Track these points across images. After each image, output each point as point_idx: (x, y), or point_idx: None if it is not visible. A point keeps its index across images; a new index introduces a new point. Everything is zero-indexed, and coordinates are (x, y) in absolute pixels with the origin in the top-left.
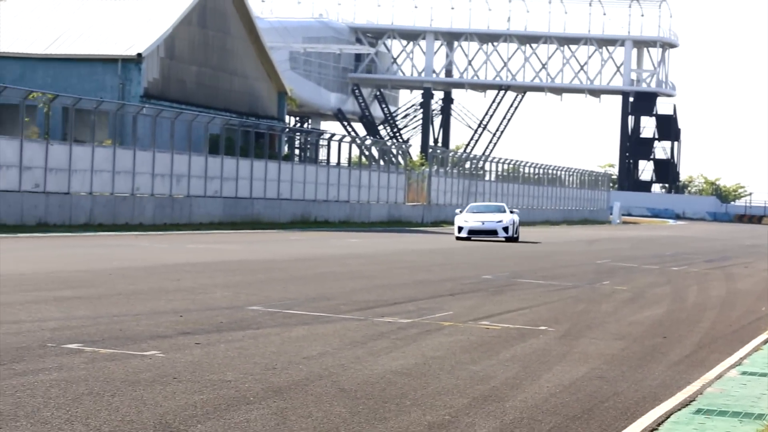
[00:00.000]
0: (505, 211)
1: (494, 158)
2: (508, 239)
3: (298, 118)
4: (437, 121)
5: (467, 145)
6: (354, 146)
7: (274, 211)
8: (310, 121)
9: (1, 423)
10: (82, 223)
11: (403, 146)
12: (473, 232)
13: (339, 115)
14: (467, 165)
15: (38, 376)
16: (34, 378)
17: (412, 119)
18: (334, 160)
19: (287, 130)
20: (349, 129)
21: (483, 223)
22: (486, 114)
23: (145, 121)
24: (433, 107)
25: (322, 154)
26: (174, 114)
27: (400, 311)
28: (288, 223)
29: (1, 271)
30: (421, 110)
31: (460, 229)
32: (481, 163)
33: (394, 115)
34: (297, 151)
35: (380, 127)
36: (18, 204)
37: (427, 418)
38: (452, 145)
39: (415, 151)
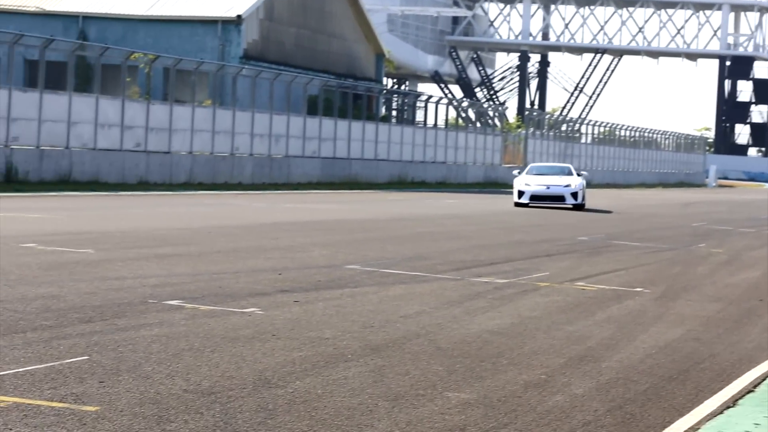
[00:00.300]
0: (572, 174)
1: (590, 121)
2: (576, 207)
3: (395, 80)
4: (534, 83)
5: (563, 107)
6: (451, 108)
7: (371, 171)
8: (407, 83)
9: (103, 377)
10: (182, 181)
11: (500, 108)
12: (536, 198)
13: (436, 77)
14: (563, 127)
15: (140, 332)
16: (135, 333)
17: (508, 82)
18: (431, 121)
19: (385, 91)
20: (446, 91)
21: (548, 188)
22: (582, 77)
23: (244, 81)
24: (529, 70)
25: (419, 116)
26: (273, 75)
27: (496, 271)
28: (385, 184)
29: (103, 229)
30: (518, 73)
31: (520, 193)
32: (578, 125)
33: (490, 77)
34: (394, 113)
35: (477, 90)
36: (120, 162)
37: (523, 377)
38: (548, 108)
39: (511, 114)
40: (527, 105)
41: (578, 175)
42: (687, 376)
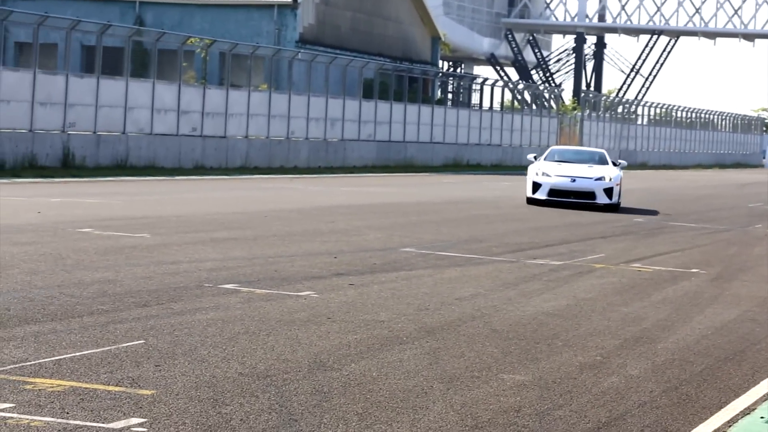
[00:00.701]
0: (606, 162)
1: (646, 102)
2: (608, 207)
3: (451, 63)
4: (590, 65)
5: (619, 89)
6: (506, 90)
7: (426, 154)
8: (463, 65)
9: (159, 360)
10: (237, 166)
11: (556, 90)
12: (556, 193)
13: (492, 60)
14: (619, 109)
15: (195, 316)
16: (191, 317)
17: (564, 64)
18: (486, 104)
19: (440, 74)
20: (502, 73)
21: (573, 180)
22: (639, 58)
23: (300, 66)
24: (585, 52)
25: (475, 99)
26: (329, 59)
27: (551, 253)
28: (440, 167)
29: (159, 213)
30: (574, 55)
31: (535, 186)
32: (634, 107)
33: (546, 59)
34: (450, 96)
35: (533, 72)
36: (176, 147)
37: (579, 359)
38: (604, 90)
39: (567, 96)
40: (583, 87)
41: (614, 164)
42: (743, 356)
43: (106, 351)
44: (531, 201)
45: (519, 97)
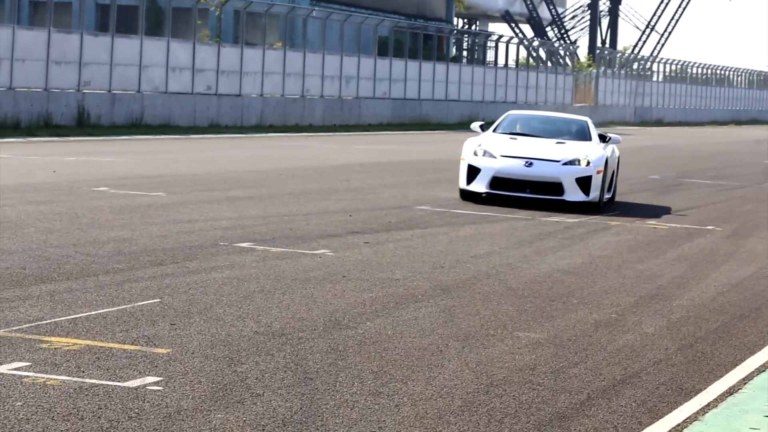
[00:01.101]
0: (588, 137)
1: (662, 59)
2: (585, 206)
3: (465, 20)
4: (605, 22)
5: (635, 46)
6: (521, 48)
7: (441, 112)
8: (477, 23)
9: (175, 319)
10: (252, 124)
11: (571, 47)
12: (503, 184)
13: (506, 17)
14: (635, 66)
15: (211, 274)
16: (207, 276)
17: (579, 21)
18: (501, 61)
19: (455, 32)
20: (517, 31)
21: (529, 164)
22: (654, 15)
23: (314, 23)
24: (600, 8)
25: (490, 56)
26: (343, 16)
27: (567, 210)
28: (456, 124)
29: (174, 172)
30: (589, 11)
31: (472, 172)
32: (649, 63)
33: (561, 16)
34: (465, 53)
35: (548, 29)
36: (191, 106)
37: (594, 316)
38: (620, 47)
39: (582, 53)
40: (598, 44)
41: (603, 140)
42: (759, 313)
43: (121, 310)
44: (466, 195)
45: (534, 55)
